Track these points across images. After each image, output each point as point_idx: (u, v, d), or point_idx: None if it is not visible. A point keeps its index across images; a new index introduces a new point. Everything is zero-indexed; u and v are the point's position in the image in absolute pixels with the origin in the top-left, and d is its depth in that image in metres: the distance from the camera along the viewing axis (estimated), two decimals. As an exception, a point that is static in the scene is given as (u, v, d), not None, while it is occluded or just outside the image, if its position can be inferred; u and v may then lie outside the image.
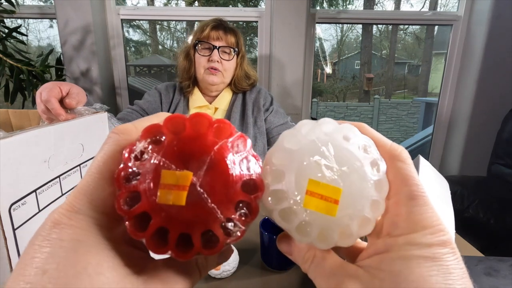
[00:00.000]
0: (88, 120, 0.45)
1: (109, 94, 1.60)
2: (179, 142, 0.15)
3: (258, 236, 0.60)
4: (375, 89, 2.16)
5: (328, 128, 0.17)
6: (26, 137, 0.32)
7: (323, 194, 0.15)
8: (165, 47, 2.15)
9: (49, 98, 0.62)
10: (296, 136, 0.17)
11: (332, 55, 2.02)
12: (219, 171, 0.14)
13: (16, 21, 1.64)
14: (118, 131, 0.16)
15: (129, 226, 0.14)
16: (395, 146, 0.17)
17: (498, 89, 1.50)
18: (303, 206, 0.15)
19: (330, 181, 0.15)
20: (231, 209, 0.15)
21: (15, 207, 0.31)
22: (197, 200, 0.14)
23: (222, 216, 0.14)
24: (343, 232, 0.16)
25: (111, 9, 1.54)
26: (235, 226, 0.15)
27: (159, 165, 0.14)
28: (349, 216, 0.15)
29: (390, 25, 2.10)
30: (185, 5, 2.00)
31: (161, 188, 0.14)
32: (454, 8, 1.64)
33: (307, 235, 0.16)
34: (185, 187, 0.14)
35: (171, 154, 0.14)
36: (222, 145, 0.15)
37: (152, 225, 0.14)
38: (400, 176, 0.16)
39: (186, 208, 0.14)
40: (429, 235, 0.15)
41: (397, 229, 0.16)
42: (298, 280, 0.57)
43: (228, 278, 0.56)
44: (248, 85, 1.08)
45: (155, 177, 0.14)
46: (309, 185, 0.15)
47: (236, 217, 0.15)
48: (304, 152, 0.16)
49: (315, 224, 0.16)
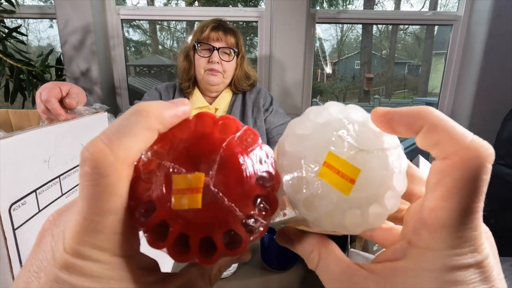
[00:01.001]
0: (88, 120, 0.45)
1: (109, 94, 1.60)
2: (186, 144, 0.14)
3: (258, 236, 0.60)
4: (375, 89, 2.16)
5: (358, 115, 0.16)
6: (26, 137, 0.32)
7: (341, 170, 0.14)
8: (165, 47, 2.15)
9: (49, 98, 0.62)
10: (321, 112, 0.16)
11: (332, 55, 2.01)
12: (232, 168, 0.14)
13: (16, 21, 1.64)
14: (91, 166, 0.13)
15: (148, 237, 0.14)
16: (476, 145, 0.13)
17: (498, 89, 1.50)
18: (317, 175, 0.14)
19: (350, 159, 0.14)
20: (249, 205, 0.14)
21: (15, 207, 0.31)
22: (213, 200, 0.14)
23: (241, 213, 0.14)
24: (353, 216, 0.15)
25: (111, 9, 1.54)
26: (256, 221, 0.14)
27: (169, 171, 0.14)
28: (362, 199, 0.14)
29: (390, 25, 2.10)
30: (185, 5, 2.00)
31: (175, 193, 0.13)
32: (454, 8, 1.64)
33: (314, 209, 0.15)
34: (199, 189, 0.13)
35: (179, 157, 0.14)
36: (230, 141, 0.15)
37: (172, 232, 0.14)
38: (467, 184, 0.13)
39: (203, 211, 0.13)
40: (455, 256, 0.13)
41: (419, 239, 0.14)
42: (298, 280, 0.57)
43: (228, 278, 0.56)
44: (248, 86, 1.08)
45: (167, 184, 0.14)
46: (328, 157, 0.14)
47: (256, 213, 0.14)
48: (329, 126, 0.15)
49: (325, 198, 0.15)
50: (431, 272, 0.13)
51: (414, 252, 0.14)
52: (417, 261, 0.14)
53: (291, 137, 0.16)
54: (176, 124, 0.15)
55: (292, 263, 0.59)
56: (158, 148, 0.14)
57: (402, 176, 0.15)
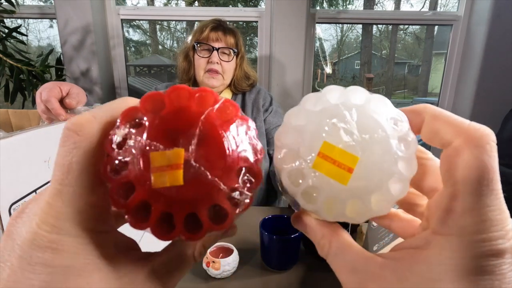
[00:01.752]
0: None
1: (109, 94, 1.60)
2: (162, 120, 0.14)
3: (258, 236, 0.60)
4: (375, 89, 2.16)
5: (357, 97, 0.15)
6: (26, 137, 0.32)
7: (337, 160, 0.14)
8: (165, 47, 2.15)
9: (49, 98, 0.62)
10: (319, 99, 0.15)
11: (332, 55, 2.01)
12: (212, 141, 0.13)
13: (16, 21, 1.64)
14: (75, 129, 0.14)
15: (130, 219, 0.13)
16: (475, 126, 0.13)
17: (498, 89, 1.50)
18: (311, 167, 0.14)
19: (347, 147, 0.14)
20: (233, 178, 0.14)
21: (15, 207, 0.31)
22: (195, 176, 0.13)
23: (225, 187, 0.13)
24: (354, 205, 0.14)
25: (111, 9, 1.54)
26: (241, 194, 0.14)
27: (146, 148, 0.13)
28: (363, 188, 0.14)
29: (390, 25, 2.10)
30: (185, 5, 2.00)
31: (154, 171, 0.13)
32: (454, 8, 1.64)
33: (313, 201, 0.14)
34: (179, 165, 0.13)
35: (156, 134, 0.13)
36: (209, 113, 0.14)
37: (154, 212, 0.13)
38: (472, 165, 0.13)
39: (185, 187, 0.13)
40: (481, 243, 0.12)
41: (443, 227, 0.13)
42: (298, 280, 0.57)
43: (228, 278, 0.56)
44: (247, 86, 1.08)
45: (144, 162, 0.13)
46: (323, 147, 0.14)
47: (241, 185, 0.14)
48: (324, 113, 0.15)
49: (322, 190, 0.14)
50: (456, 259, 0.12)
51: (439, 240, 0.13)
52: (442, 249, 0.13)
53: (286, 129, 0.15)
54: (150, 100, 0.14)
55: (292, 263, 0.59)
56: (131, 125, 0.14)
57: (409, 159, 0.14)
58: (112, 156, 0.13)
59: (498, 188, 0.13)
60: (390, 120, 0.15)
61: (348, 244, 0.16)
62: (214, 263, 0.55)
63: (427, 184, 0.16)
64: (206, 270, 0.56)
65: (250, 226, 0.70)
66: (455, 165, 0.13)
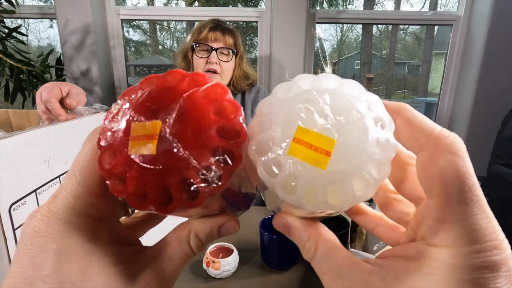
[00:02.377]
0: (88, 120, 0.45)
1: (109, 94, 1.60)
2: (149, 95, 0.15)
3: (258, 236, 0.60)
4: (375, 89, 2.16)
5: (329, 82, 0.15)
6: (26, 137, 0.32)
7: (313, 144, 0.13)
8: (165, 47, 2.15)
9: (49, 98, 0.62)
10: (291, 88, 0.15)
11: (332, 55, 2.01)
12: (190, 117, 0.14)
13: (16, 21, 1.64)
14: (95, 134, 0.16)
15: (110, 184, 0.14)
16: (445, 133, 0.13)
17: (498, 89, 1.50)
18: (287, 153, 0.13)
19: (322, 130, 0.13)
20: (206, 155, 0.14)
21: (15, 207, 0.31)
22: (169, 148, 0.13)
23: (196, 162, 0.13)
24: (336, 190, 0.13)
25: (111, 9, 1.54)
26: (213, 172, 0.14)
27: (129, 119, 0.14)
28: (343, 171, 0.13)
29: (390, 25, 2.10)
30: (185, 5, 2.00)
31: (132, 140, 0.14)
32: (454, 8, 1.64)
33: (292, 190, 0.14)
34: (155, 136, 0.13)
35: (140, 108, 0.14)
36: (193, 92, 0.14)
37: (129, 178, 0.14)
38: (446, 172, 0.12)
39: (158, 158, 0.13)
40: (475, 254, 0.12)
41: (435, 237, 0.13)
42: (298, 280, 0.57)
43: (228, 278, 0.56)
44: (247, 85, 1.08)
45: (126, 131, 0.14)
46: (298, 132, 0.13)
47: (213, 163, 0.14)
48: (296, 99, 0.14)
49: (301, 177, 0.13)
50: (449, 271, 0.12)
51: (432, 251, 0.13)
52: (434, 260, 0.12)
53: (258, 119, 0.15)
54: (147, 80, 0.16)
55: (292, 263, 0.59)
56: (125, 100, 0.15)
57: (386, 140, 0.14)
58: (105, 127, 0.15)
59: (481, 194, 0.12)
60: (364, 102, 0.14)
61: (335, 248, 0.15)
62: (214, 263, 0.55)
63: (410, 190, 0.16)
64: (206, 270, 0.56)
65: (250, 226, 0.70)
66: (433, 174, 0.13)
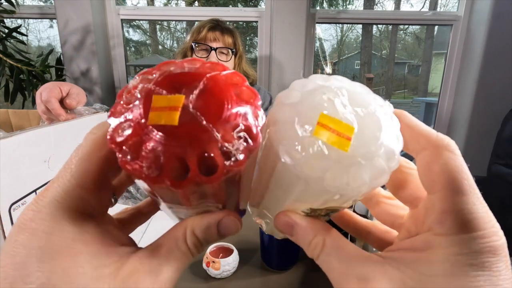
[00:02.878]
0: (88, 120, 0.45)
1: (109, 94, 1.60)
2: (170, 74, 0.14)
3: (258, 236, 0.60)
4: (375, 89, 2.16)
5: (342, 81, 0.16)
6: (26, 137, 0.32)
7: (335, 129, 0.14)
8: (165, 47, 2.15)
9: (49, 98, 0.62)
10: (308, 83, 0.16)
11: (332, 55, 2.01)
12: (213, 95, 0.14)
13: (16, 21, 1.64)
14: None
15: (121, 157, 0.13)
16: (442, 136, 0.15)
17: (498, 89, 1.50)
18: (313, 135, 0.14)
19: (343, 118, 0.14)
20: (228, 130, 0.13)
21: (15, 207, 0.31)
22: (191, 119, 0.13)
23: (218, 135, 0.13)
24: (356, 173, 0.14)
25: (111, 9, 1.54)
26: (235, 147, 0.13)
27: (150, 91, 0.14)
28: (362, 155, 0.14)
29: (390, 25, 2.10)
30: (185, 5, 2.00)
31: (152, 110, 0.13)
32: (454, 8, 1.64)
33: (316, 169, 0.14)
34: (177, 108, 0.13)
35: (162, 83, 0.14)
36: (215, 75, 0.14)
37: (145, 149, 0.13)
38: (448, 168, 0.14)
39: (179, 129, 0.13)
40: (479, 239, 0.13)
41: (442, 227, 0.14)
42: (298, 280, 0.57)
43: (228, 278, 0.56)
44: (247, 85, 1.08)
45: (146, 103, 0.13)
46: (321, 117, 0.14)
47: (235, 138, 0.13)
48: (316, 91, 0.15)
49: (325, 157, 0.14)
50: (458, 256, 0.13)
51: (440, 240, 0.14)
52: (443, 248, 0.13)
53: (280, 106, 0.16)
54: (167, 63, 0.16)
55: (292, 263, 0.59)
56: (143, 78, 0.15)
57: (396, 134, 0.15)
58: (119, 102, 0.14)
59: (476, 187, 0.14)
60: (374, 99, 0.16)
61: (344, 242, 0.16)
62: (214, 263, 0.55)
63: (409, 193, 0.17)
64: (206, 270, 0.56)
65: (250, 226, 0.70)
66: (436, 170, 0.15)
